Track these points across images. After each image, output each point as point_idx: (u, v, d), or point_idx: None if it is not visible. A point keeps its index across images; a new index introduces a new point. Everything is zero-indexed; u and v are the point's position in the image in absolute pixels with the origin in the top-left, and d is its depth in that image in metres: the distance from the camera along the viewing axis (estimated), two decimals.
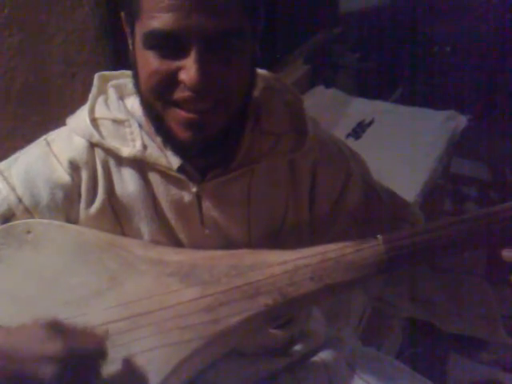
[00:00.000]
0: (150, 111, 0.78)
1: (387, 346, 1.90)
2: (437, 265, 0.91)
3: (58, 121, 0.90)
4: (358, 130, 2.13)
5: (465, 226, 0.79)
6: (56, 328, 0.67)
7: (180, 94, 0.73)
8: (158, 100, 0.75)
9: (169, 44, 0.71)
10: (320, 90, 2.41)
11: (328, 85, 2.46)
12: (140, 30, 0.73)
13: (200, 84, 0.70)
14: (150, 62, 0.72)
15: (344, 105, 2.33)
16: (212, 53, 0.71)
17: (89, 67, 1.46)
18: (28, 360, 0.64)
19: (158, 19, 0.69)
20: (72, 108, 0.89)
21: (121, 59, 1.52)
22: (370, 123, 2.18)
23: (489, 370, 1.95)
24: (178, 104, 0.74)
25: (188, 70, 0.70)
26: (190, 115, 0.73)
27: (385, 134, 2.13)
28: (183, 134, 0.75)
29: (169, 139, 0.78)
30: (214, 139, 0.76)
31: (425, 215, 1.00)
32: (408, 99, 2.72)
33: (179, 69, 0.71)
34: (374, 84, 2.75)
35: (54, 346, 0.64)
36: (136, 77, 0.78)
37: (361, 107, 2.31)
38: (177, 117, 0.74)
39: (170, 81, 0.72)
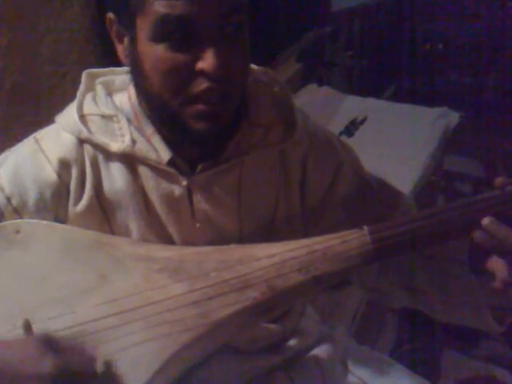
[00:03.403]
0: (162, 111, 0.78)
1: (381, 343, 1.90)
2: (422, 252, 0.92)
3: (49, 120, 0.90)
4: (351, 128, 2.13)
5: (451, 215, 0.79)
6: (48, 345, 0.67)
7: (199, 87, 0.72)
8: (175, 98, 0.74)
9: (181, 32, 0.70)
10: (312, 88, 2.42)
11: (320, 83, 2.47)
12: (146, 22, 0.72)
13: (219, 70, 0.70)
14: (161, 58, 0.72)
15: (337, 103, 2.33)
16: (225, 39, 0.71)
17: (79, 67, 1.46)
18: (21, 377, 0.64)
19: (169, 6, 0.68)
20: (63, 107, 0.89)
21: (111, 58, 1.52)
22: (363, 121, 2.18)
23: (483, 365, 1.95)
24: (195, 99, 0.74)
25: (206, 57, 0.70)
26: (207, 107, 0.74)
27: (378, 131, 2.13)
28: (200, 126, 0.75)
29: (186, 135, 0.78)
30: (226, 128, 0.78)
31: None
32: (401, 96, 2.73)
33: (195, 60, 0.71)
34: (366, 82, 2.76)
35: (47, 364, 0.64)
36: (141, 78, 0.77)
37: (353, 105, 2.31)
38: (193, 111, 0.74)
39: (188, 74, 0.72)
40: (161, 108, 0.77)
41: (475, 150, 2.72)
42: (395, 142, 2.05)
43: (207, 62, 0.70)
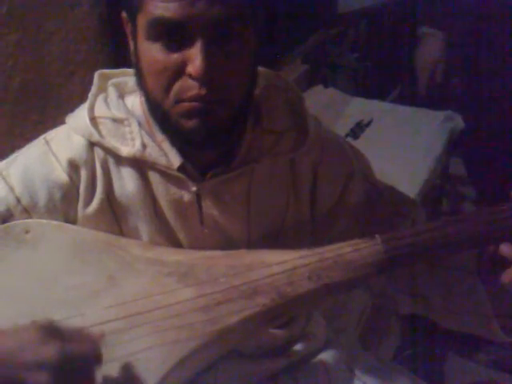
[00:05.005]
0: (156, 109, 0.78)
1: (385, 347, 1.90)
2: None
3: (56, 119, 0.90)
4: (357, 130, 2.12)
5: (463, 226, 0.79)
6: (51, 331, 0.65)
7: (188, 91, 0.72)
8: (166, 98, 0.74)
9: (174, 33, 0.71)
10: (318, 89, 2.41)
11: (326, 84, 2.45)
12: (143, 21, 0.72)
13: (205, 75, 0.70)
14: (155, 57, 0.72)
15: (342, 105, 2.32)
16: (216, 43, 0.71)
17: (87, 66, 1.46)
18: (21, 365, 0.62)
19: (162, 8, 0.69)
20: (70, 107, 0.89)
21: (120, 58, 1.52)
22: (369, 123, 2.18)
23: (487, 370, 1.95)
24: (185, 100, 0.74)
25: (193, 60, 0.70)
26: (195, 104, 0.73)
27: (383, 134, 2.12)
28: (189, 123, 0.75)
29: (175, 134, 0.78)
30: (217, 129, 0.76)
31: None
32: (406, 99, 2.72)
33: (185, 62, 0.71)
34: (372, 84, 2.75)
35: (49, 351, 0.63)
36: (140, 76, 0.78)
37: (359, 107, 2.30)
38: (183, 109, 0.74)
39: (178, 76, 0.72)
40: (155, 107, 0.78)
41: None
42: (401, 145, 2.04)
43: (194, 65, 0.70)
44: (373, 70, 2.78)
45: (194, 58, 0.70)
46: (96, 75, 0.88)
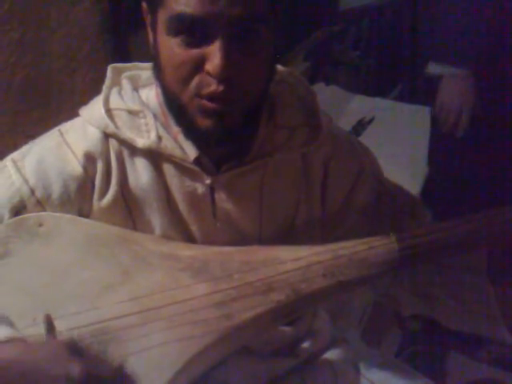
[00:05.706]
0: (172, 102, 0.78)
1: (386, 345, 1.89)
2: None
3: (58, 116, 0.89)
4: (359, 128, 2.12)
5: (476, 226, 0.79)
6: (76, 350, 0.67)
7: (206, 89, 0.73)
8: (184, 91, 0.75)
9: (194, 30, 0.71)
10: (320, 87, 2.40)
11: (328, 82, 2.45)
12: (164, 16, 0.73)
13: (224, 72, 0.70)
14: (174, 51, 0.72)
15: (344, 102, 2.32)
16: (236, 41, 0.71)
17: (89, 62, 1.46)
18: (50, 377, 0.64)
19: (184, 4, 0.69)
20: (72, 103, 0.89)
21: (121, 55, 1.51)
22: (371, 121, 2.18)
23: (488, 368, 1.95)
24: (203, 97, 0.74)
25: (212, 58, 0.70)
26: (213, 105, 0.73)
27: (385, 131, 2.12)
28: (204, 123, 0.75)
29: (190, 129, 0.79)
30: (232, 128, 0.77)
31: None
32: (407, 96, 2.72)
33: (204, 58, 0.71)
34: (374, 81, 2.75)
35: (75, 367, 0.64)
36: (158, 68, 0.78)
37: (361, 104, 2.31)
38: (200, 106, 0.74)
39: (196, 71, 0.72)
40: (172, 99, 0.78)
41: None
42: (402, 143, 2.04)
43: (213, 64, 0.70)
44: (375, 68, 2.78)
45: (213, 55, 0.70)
46: (109, 68, 0.89)
